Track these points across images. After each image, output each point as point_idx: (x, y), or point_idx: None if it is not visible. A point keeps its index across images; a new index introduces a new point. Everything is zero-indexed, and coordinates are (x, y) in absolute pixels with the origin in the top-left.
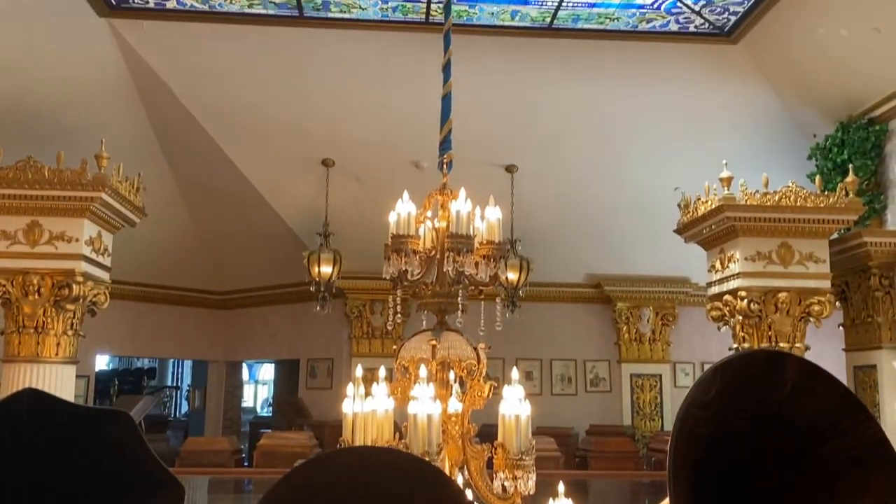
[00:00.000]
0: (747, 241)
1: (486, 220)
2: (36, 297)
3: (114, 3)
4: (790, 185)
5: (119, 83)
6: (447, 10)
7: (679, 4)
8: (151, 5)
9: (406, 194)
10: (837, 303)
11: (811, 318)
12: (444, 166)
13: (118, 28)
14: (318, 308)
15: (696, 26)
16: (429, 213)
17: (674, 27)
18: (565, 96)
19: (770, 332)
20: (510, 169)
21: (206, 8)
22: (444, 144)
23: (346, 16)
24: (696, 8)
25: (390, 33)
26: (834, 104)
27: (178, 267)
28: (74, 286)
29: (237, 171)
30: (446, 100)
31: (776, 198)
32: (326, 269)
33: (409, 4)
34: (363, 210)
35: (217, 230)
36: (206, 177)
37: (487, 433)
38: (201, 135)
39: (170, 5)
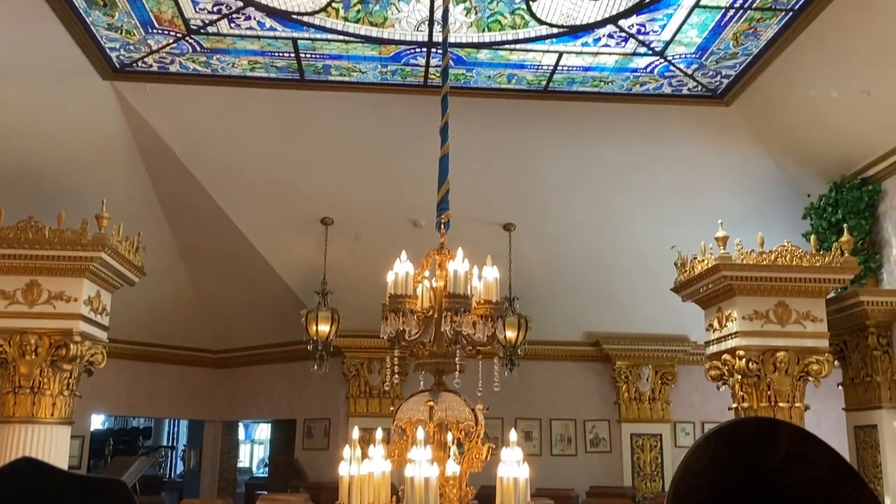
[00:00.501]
0: (744, 300)
1: (484, 280)
2: (33, 356)
3: (118, 66)
4: (786, 244)
5: (122, 144)
6: (445, 74)
7: (672, 68)
8: (155, 69)
9: (404, 254)
10: (836, 362)
11: (810, 378)
12: (442, 226)
13: (122, 90)
14: (315, 367)
15: (689, 89)
16: (426, 273)
17: (667, 90)
18: (562, 156)
19: (769, 392)
20: (508, 227)
21: (208, 71)
22: (442, 205)
23: (347, 79)
24: (689, 71)
25: (389, 95)
26: (827, 164)
27: (175, 325)
28: (72, 346)
29: (236, 230)
30: (444, 161)
31: (772, 257)
32: (324, 328)
33: (407, 68)
34: (361, 268)
35: (215, 289)
36: (205, 236)
37: (486, 496)
38: (201, 194)
39: (173, 69)
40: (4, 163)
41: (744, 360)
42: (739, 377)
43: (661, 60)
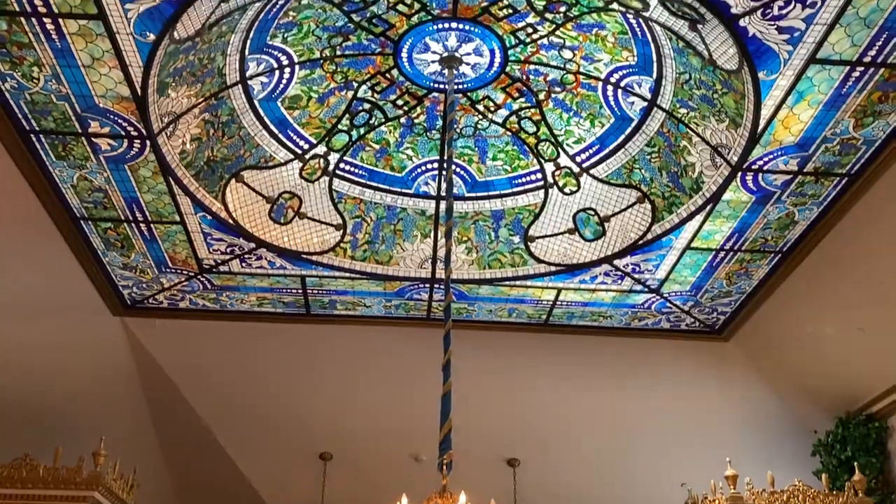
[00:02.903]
0: None
1: None
2: None
3: (129, 302)
4: (797, 483)
5: (125, 378)
6: (447, 313)
7: (669, 305)
8: (165, 305)
9: (405, 498)
10: None
11: None
12: (444, 467)
13: (131, 326)
14: None
15: (687, 325)
16: None
17: (665, 325)
18: (563, 391)
19: None
20: (512, 463)
21: (217, 307)
22: (444, 444)
23: (351, 313)
24: (686, 308)
25: (393, 329)
26: (830, 400)
27: None
28: None
29: (233, 465)
30: (446, 398)
31: (784, 497)
32: None
33: (411, 303)
34: None
35: None
36: (200, 471)
37: None
38: (200, 429)
39: (182, 305)
40: (5, 397)
41: None
42: None
43: (658, 297)
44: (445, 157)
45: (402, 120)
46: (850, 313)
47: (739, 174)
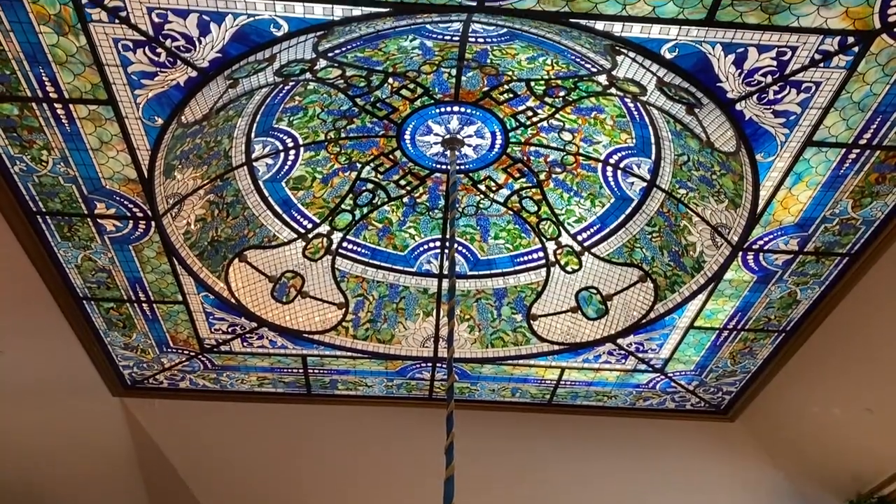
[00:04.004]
0: None
1: None
2: None
3: (129, 383)
4: None
5: (123, 459)
6: (450, 394)
7: (673, 385)
8: (165, 385)
9: None
10: None
11: None
12: None
13: (130, 406)
14: None
15: (692, 404)
16: None
17: (671, 405)
18: (568, 472)
19: None
20: None
21: (217, 387)
22: None
23: (353, 393)
24: (691, 388)
25: (394, 409)
26: (841, 482)
27: None
28: None
29: None
30: (449, 482)
31: None
32: None
33: (413, 382)
34: None
35: None
36: None
37: None
38: None
39: (183, 385)
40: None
41: None
42: None
43: (662, 377)
44: (448, 236)
45: (405, 199)
46: (857, 393)
47: (740, 254)
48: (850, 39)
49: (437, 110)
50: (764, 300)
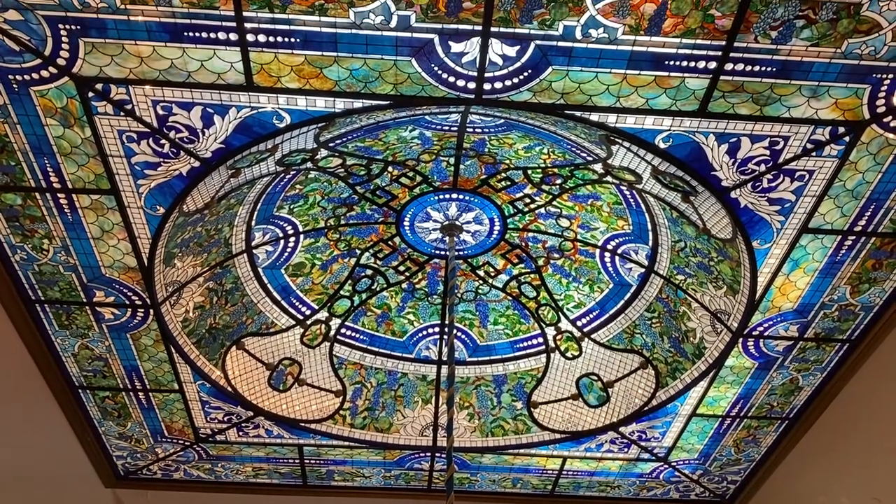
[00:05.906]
0: None
1: None
2: None
3: (122, 473)
4: None
5: None
6: (449, 485)
7: (677, 474)
8: (159, 476)
9: None
10: None
11: None
12: None
13: (122, 498)
14: None
15: (696, 494)
16: None
17: (675, 495)
18: None
19: None
20: None
21: (211, 478)
22: None
23: (350, 484)
24: (695, 477)
25: (393, 501)
26: None
27: None
28: None
29: None
30: None
31: None
32: None
33: (411, 472)
34: None
35: None
36: None
37: None
38: None
39: (177, 475)
40: None
41: None
42: None
43: (666, 466)
44: (447, 322)
45: (404, 285)
46: (865, 482)
47: (741, 340)
48: (841, 129)
49: (436, 197)
50: (766, 387)
